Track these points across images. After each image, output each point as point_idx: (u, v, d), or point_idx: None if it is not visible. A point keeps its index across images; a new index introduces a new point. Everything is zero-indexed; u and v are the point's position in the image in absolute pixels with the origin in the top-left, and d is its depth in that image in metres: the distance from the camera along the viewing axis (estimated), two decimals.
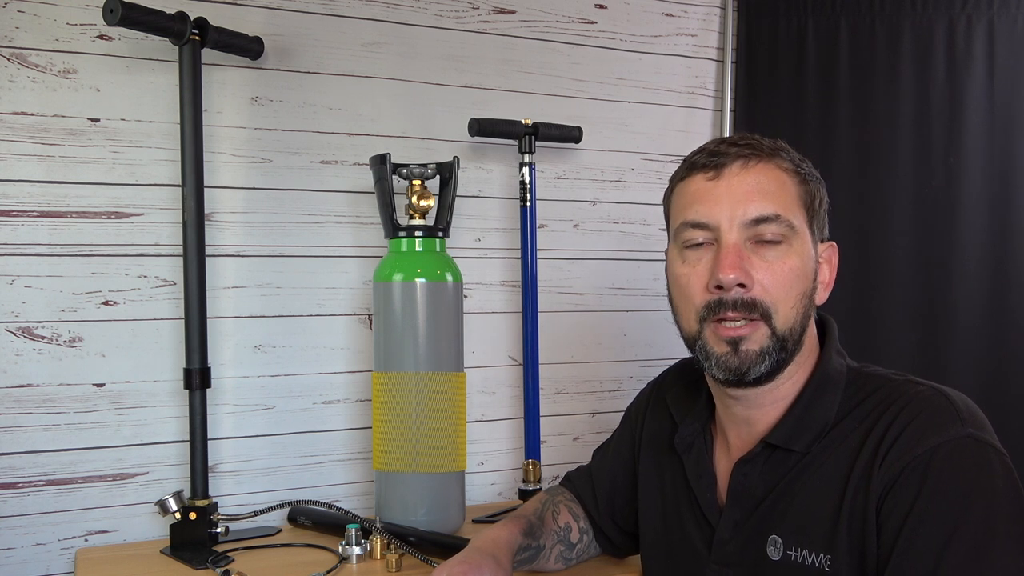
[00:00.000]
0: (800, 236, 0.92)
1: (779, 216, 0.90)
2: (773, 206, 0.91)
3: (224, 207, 1.46)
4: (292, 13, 1.50)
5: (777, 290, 0.90)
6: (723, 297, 0.90)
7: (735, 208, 0.91)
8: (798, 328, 0.92)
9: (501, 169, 1.66)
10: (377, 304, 1.38)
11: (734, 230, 0.91)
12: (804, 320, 0.93)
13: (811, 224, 0.94)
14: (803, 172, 0.95)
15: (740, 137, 0.96)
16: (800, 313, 0.92)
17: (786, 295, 0.90)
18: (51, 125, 1.36)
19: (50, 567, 1.36)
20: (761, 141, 0.95)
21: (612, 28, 1.75)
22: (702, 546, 1.01)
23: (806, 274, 0.92)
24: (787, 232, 0.91)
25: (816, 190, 0.96)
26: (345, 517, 1.31)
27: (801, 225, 0.93)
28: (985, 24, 1.82)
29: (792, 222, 0.91)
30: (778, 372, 0.93)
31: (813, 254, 0.94)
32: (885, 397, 0.90)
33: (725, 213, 0.91)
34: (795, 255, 0.91)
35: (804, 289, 0.92)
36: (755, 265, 0.90)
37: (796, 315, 0.91)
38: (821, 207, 0.96)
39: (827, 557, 0.88)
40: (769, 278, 0.90)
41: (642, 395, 1.21)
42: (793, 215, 0.92)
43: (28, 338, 1.35)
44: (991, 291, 1.82)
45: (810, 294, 0.93)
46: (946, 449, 0.83)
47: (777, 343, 0.90)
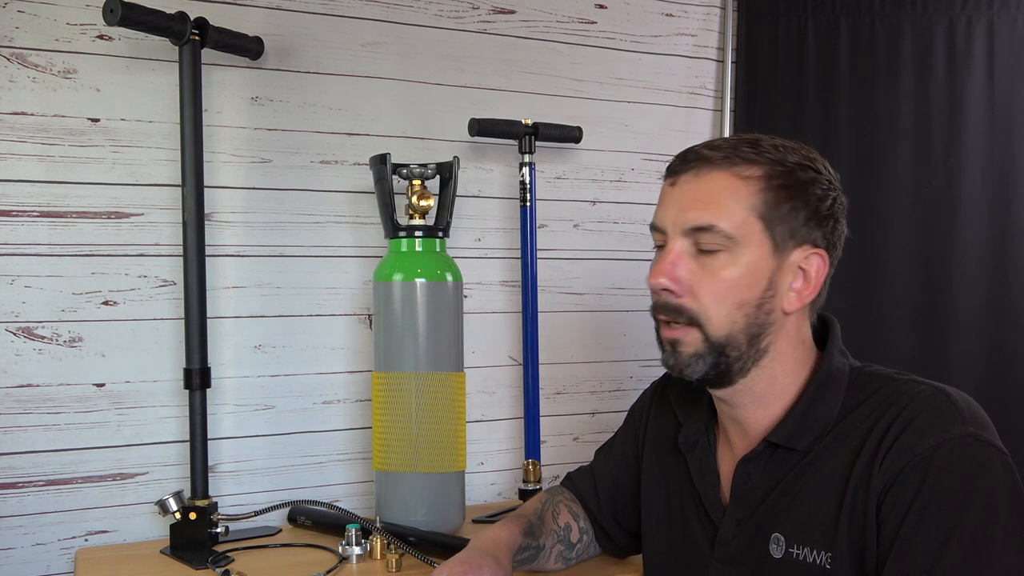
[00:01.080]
0: (744, 246, 0.91)
1: (714, 227, 0.91)
2: (711, 216, 0.91)
3: (224, 207, 1.46)
4: (292, 13, 1.50)
5: (707, 298, 0.92)
6: (656, 300, 0.96)
7: (678, 216, 0.94)
8: (741, 336, 0.92)
9: (501, 169, 1.66)
10: (377, 304, 1.38)
11: (677, 236, 0.94)
12: (753, 328, 0.92)
13: (771, 232, 0.91)
14: (775, 177, 0.92)
15: (716, 141, 0.96)
16: (741, 322, 0.92)
17: (718, 303, 0.92)
18: (51, 125, 1.36)
19: (50, 567, 1.36)
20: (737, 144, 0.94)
21: (612, 28, 1.75)
22: (705, 544, 1.01)
23: (749, 285, 0.91)
24: (724, 242, 0.91)
25: (793, 195, 0.92)
26: (345, 517, 1.31)
27: (749, 235, 0.91)
28: (985, 24, 1.82)
29: (731, 234, 0.91)
30: (731, 375, 0.94)
31: (770, 263, 0.92)
32: (887, 396, 0.90)
33: (670, 219, 0.94)
34: (735, 265, 0.91)
35: (744, 299, 0.91)
36: (693, 272, 0.92)
37: (734, 324, 0.92)
38: (797, 212, 0.92)
39: (828, 555, 0.88)
40: (701, 286, 0.92)
41: (646, 395, 1.21)
42: (736, 226, 0.91)
43: (28, 338, 1.35)
44: (991, 291, 1.82)
45: (757, 304, 0.92)
46: (946, 448, 0.83)
47: (712, 348, 0.93)
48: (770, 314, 0.93)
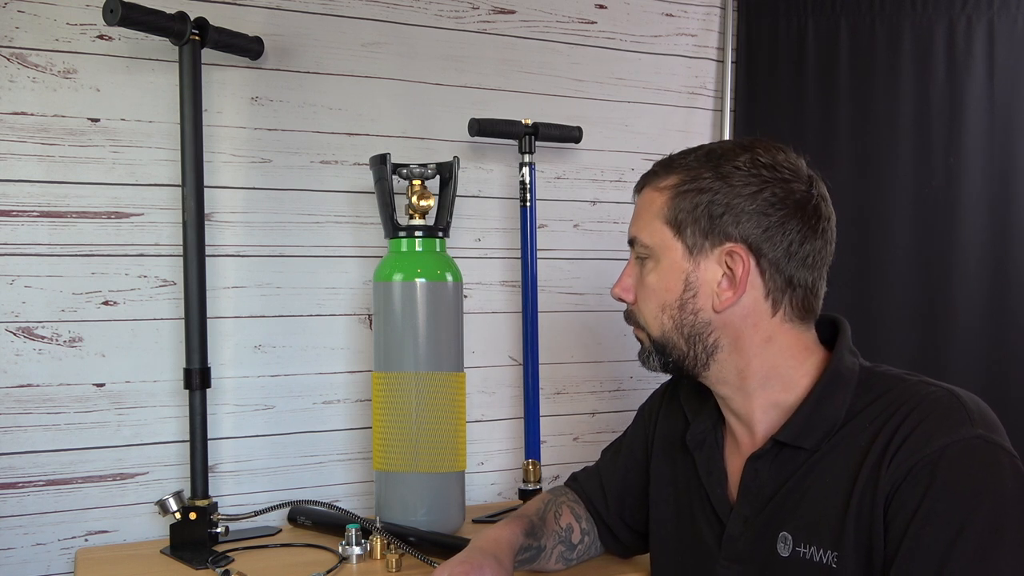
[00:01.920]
0: (659, 252, 0.98)
1: (635, 238, 1.02)
2: (635, 230, 1.02)
3: (224, 207, 1.46)
4: (292, 13, 1.50)
5: (641, 303, 1.02)
6: None
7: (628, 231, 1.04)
8: (674, 335, 0.99)
9: (501, 169, 1.66)
10: (377, 304, 1.38)
11: (631, 250, 1.04)
12: (684, 328, 0.98)
13: (682, 238, 0.96)
14: (684, 184, 0.96)
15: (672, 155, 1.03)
16: (670, 323, 0.98)
17: (647, 307, 1.01)
18: (51, 125, 1.36)
19: (50, 567, 1.36)
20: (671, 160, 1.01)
21: (612, 28, 1.75)
22: (712, 542, 1.01)
23: (666, 288, 0.98)
24: (644, 251, 1.00)
25: (700, 199, 0.95)
26: (345, 517, 1.31)
27: (663, 242, 0.98)
28: (985, 24, 1.82)
29: (646, 243, 0.99)
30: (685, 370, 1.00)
31: (685, 267, 0.96)
32: (896, 397, 0.90)
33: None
34: (652, 272, 0.99)
35: (664, 301, 0.98)
36: (635, 280, 1.03)
37: (663, 324, 0.99)
38: (701, 215, 0.94)
39: (834, 554, 0.88)
40: (637, 293, 1.02)
41: (656, 394, 1.21)
42: (650, 236, 0.99)
43: (28, 338, 1.35)
44: (991, 291, 1.82)
45: (676, 306, 0.97)
46: (955, 449, 0.83)
47: (656, 347, 1.02)
48: (697, 314, 0.97)
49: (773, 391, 0.97)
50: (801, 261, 0.94)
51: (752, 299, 0.95)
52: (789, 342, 0.97)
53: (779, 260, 0.94)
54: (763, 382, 0.98)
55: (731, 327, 0.96)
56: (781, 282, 0.95)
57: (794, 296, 0.96)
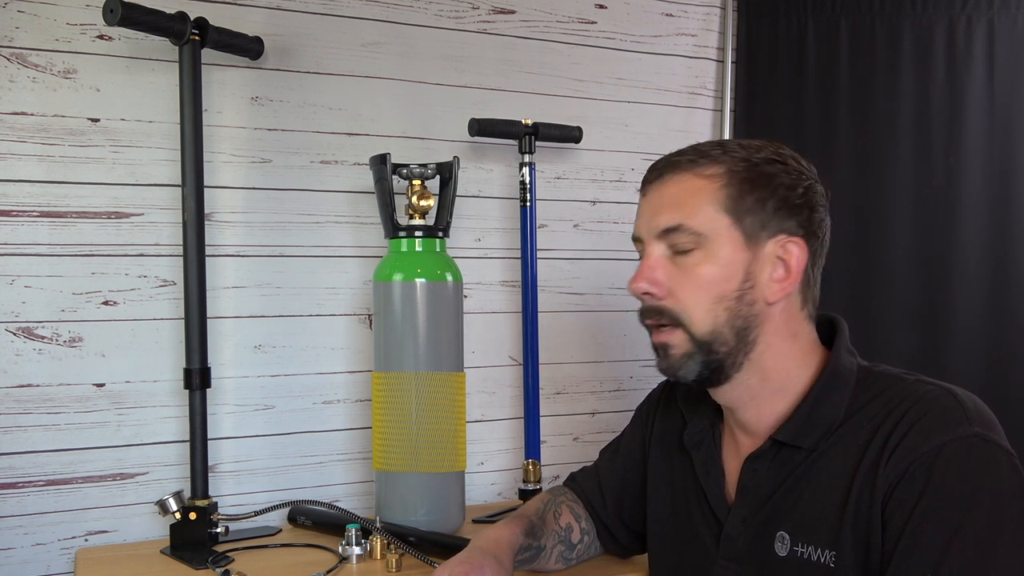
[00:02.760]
0: (716, 241, 0.93)
1: (681, 226, 0.94)
2: (678, 216, 0.94)
3: (224, 207, 1.46)
4: (292, 13, 1.50)
5: (687, 297, 0.94)
6: (641, 305, 0.98)
7: (649, 221, 0.97)
8: (725, 331, 0.94)
9: (501, 169, 1.66)
10: (377, 304, 1.38)
11: (652, 242, 0.97)
12: (736, 321, 0.94)
13: (741, 226, 0.93)
14: (737, 172, 0.94)
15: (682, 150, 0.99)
16: (723, 316, 0.93)
17: (697, 301, 0.94)
18: (51, 125, 1.36)
19: (50, 567, 1.36)
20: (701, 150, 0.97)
21: (612, 28, 1.75)
22: (710, 542, 1.01)
23: (725, 278, 0.93)
24: (695, 240, 0.94)
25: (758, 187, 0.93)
26: (345, 517, 1.31)
27: (718, 230, 0.93)
28: (985, 24, 1.82)
29: (699, 230, 0.93)
30: (725, 372, 0.95)
31: (743, 256, 0.93)
32: (894, 396, 0.90)
33: (644, 227, 0.98)
34: (709, 261, 0.93)
35: (722, 293, 0.93)
36: (671, 274, 0.95)
37: (716, 319, 0.93)
38: (764, 203, 0.93)
39: (832, 553, 0.88)
40: (679, 286, 0.94)
41: (653, 394, 1.21)
42: (703, 223, 0.93)
43: (28, 338, 1.35)
44: (991, 291, 1.82)
45: (736, 296, 0.93)
46: (952, 447, 0.83)
47: (700, 347, 0.94)
48: (752, 305, 0.94)
49: (779, 393, 0.97)
50: (823, 256, 0.99)
51: (793, 292, 0.96)
52: (805, 340, 0.98)
53: (817, 253, 0.97)
54: (778, 385, 0.97)
55: (771, 320, 0.95)
56: (812, 276, 0.97)
57: (814, 292, 0.99)
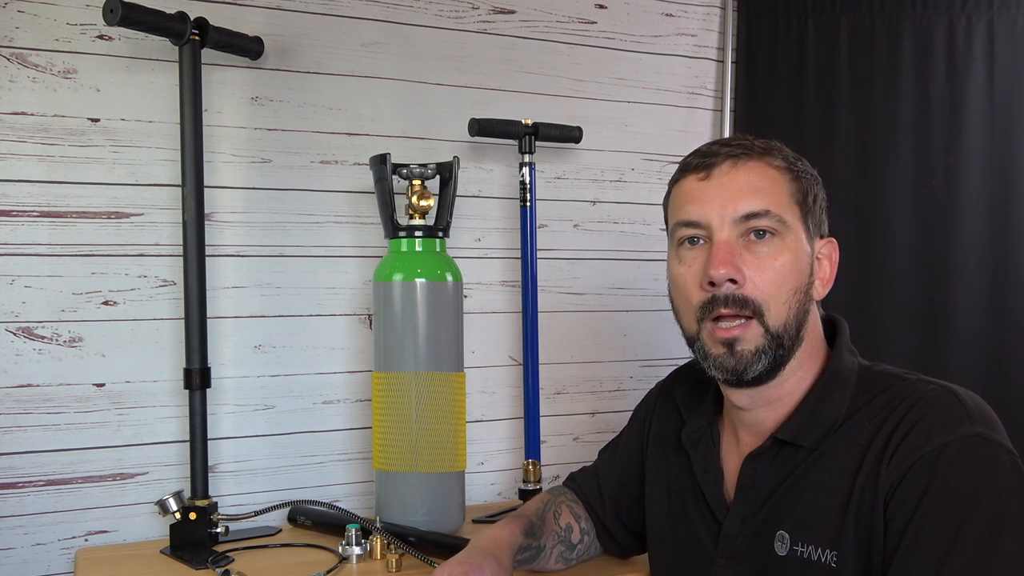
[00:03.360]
0: (793, 232, 0.93)
1: (769, 211, 0.91)
2: (763, 202, 0.92)
3: (224, 207, 1.46)
4: (292, 13, 1.50)
5: (768, 286, 0.91)
6: (716, 294, 0.91)
7: (725, 206, 0.92)
8: (793, 324, 0.92)
9: (501, 169, 1.66)
10: (377, 304, 1.38)
11: (725, 227, 0.92)
12: (800, 316, 0.93)
13: (805, 220, 0.95)
14: (796, 169, 0.96)
15: (733, 138, 0.99)
16: (794, 309, 0.92)
17: (777, 291, 0.91)
18: (51, 125, 1.36)
19: (50, 567, 1.36)
20: (753, 141, 0.96)
21: (612, 28, 1.75)
22: (709, 541, 1.01)
23: (799, 270, 0.93)
24: (778, 227, 0.92)
25: (810, 187, 0.96)
26: (345, 517, 1.31)
27: (793, 221, 0.93)
28: (985, 24, 1.82)
29: (783, 217, 0.92)
30: (778, 370, 0.93)
31: (808, 250, 0.95)
32: (895, 395, 0.90)
33: (716, 211, 0.92)
34: (787, 251, 0.92)
35: (797, 284, 0.92)
36: (747, 262, 0.91)
37: (789, 311, 0.92)
38: (816, 204, 0.96)
39: (833, 553, 0.88)
40: (760, 275, 0.91)
41: (651, 394, 1.21)
42: (784, 211, 0.92)
43: (28, 338, 1.35)
44: (991, 291, 1.82)
45: (805, 289, 0.93)
46: (954, 447, 0.83)
47: (772, 341, 0.91)
48: (810, 301, 0.96)
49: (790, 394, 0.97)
50: None
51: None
52: (820, 339, 0.99)
53: None
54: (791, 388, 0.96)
55: (812, 318, 0.97)
56: None
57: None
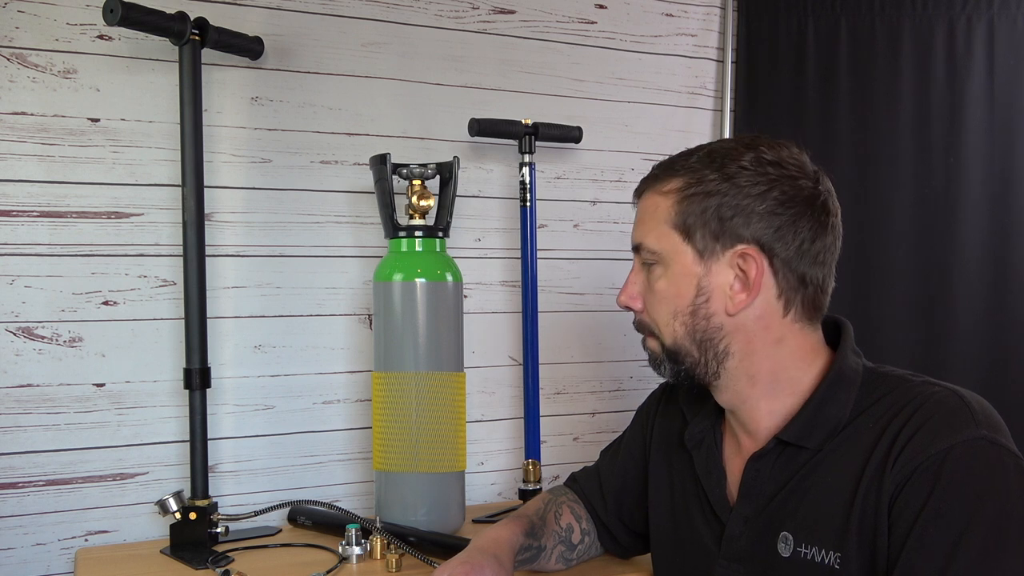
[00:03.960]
0: (668, 258, 0.96)
1: (641, 244, 0.99)
2: (640, 235, 1.00)
3: (224, 207, 1.46)
4: (292, 13, 1.50)
5: (652, 309, 1.00)
6: None
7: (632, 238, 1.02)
8: (686, 341, 0.97)
9: (501, 169, 1.66)
10: (377, 304, 1.38)
11: (635, 256, 1.02)
12: (697, 333, 0.96)
13: (690, 241, 0.95)
14: (690, 187, 0.94)
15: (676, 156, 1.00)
16: (682, 328, 0.97)
17: (658, 313, 0.99)
18: (51, 125, 1.36)
19: (50, 567, 1.36)
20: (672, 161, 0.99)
21: (612, 28, 1.75)
22: (711, 542, 1.01)
23: (676, 294, 0.96)
24: (651, 257, 0.98)
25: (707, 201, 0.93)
26: (345, 517, 1.31)
27: (670, 247, 0.96)
28: (985, 24, 1.82)
29: (654, 248, 0.97)
30: (698, 378, 0.98)
31: (695, 271, 0.95)
32: (900, 397, 0.90)
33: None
34: (663, 278, 0.98)
35: (676, 308, 0.97)
36: (642, 287, 1.01)
37: (675, 331, 0.97)
38: (711, 218, 0.93)
39: (837, 555, 0.88)
40: (647, 299, 1.00)
41: (654, 394, 1.21)
42: (657, 240, 0.97)
43: (28, 338, 1.35)
44: (991, 291, 1.82)
45: (688, 311, 0.96)
46: (959, 450, 0.83)
47: (668, 355, 0.99)
48: (710, 319, 0.95)
49: (780, 395, 0.97)
50: (812, 258, 0.94)
51: (764, 300, 0.94)
52: (798, 343, 0.97)
53: (791, 259, 0.93)
54: (771, 387, 0.97)
55: (743, 330, 0.95)
56: (794, 281, 0.94)
57: (805, 295, 0.95)
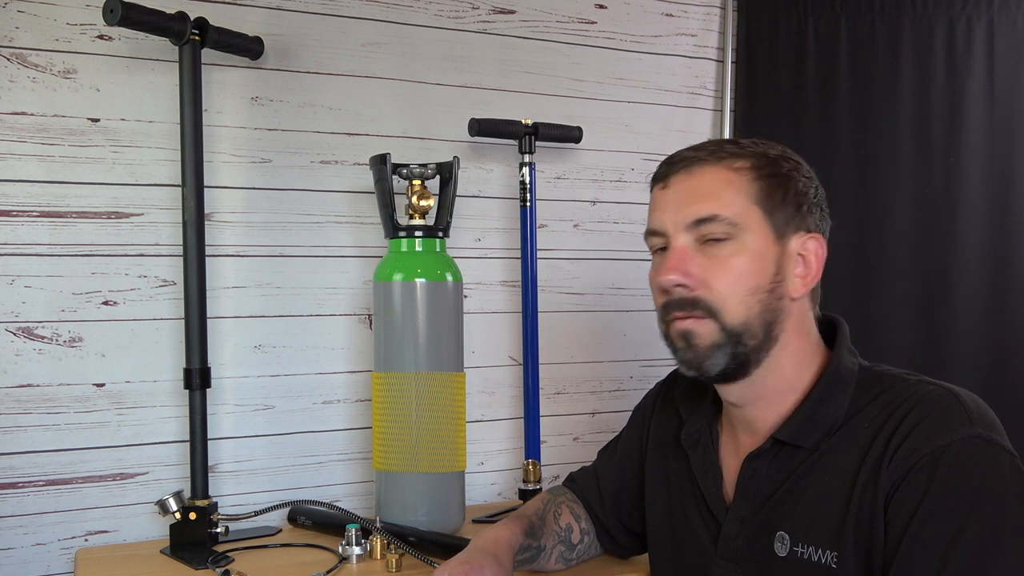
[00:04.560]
0: (750, 232, 0.93)
1: (717, 216, 0.93)
2: (712, 207, 0.93)
3: (224, 207, 1.46)
4: (292, 13, 1.50)
5: (721, 286, 0.93)
6: (668, 299, 0.95)
7: (678, 213, 0.95)
8: (756, 322, 0.93)
9: (501, 169, 1.66)
10: (377, 304, 1.38)
11: (679, 234, 0.95)
12: (766, 314, 0.93)
13: (770, 219, 0.94)
14: (765, 168, 0.95)
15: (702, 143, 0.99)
16: (755, 308, 0.93)
17: (732, 291, 0.93)
18: (51, 125, 1.36)
19: (50, 567, 1.36)
20: (719, 145, 0.98)
21: (612, 28, 1.75)
22: (708, 542, 1.01)
23: (759, 270, 0.93)
24: (730, 230, 0.93)
25: (784, 184, 0.95)
26: (345, 517, 1.31)
27: (751, 222, 0.93)
28: (985, 24, 1.82)
29: (735, 220, 0.93)
30: (747, 366, 0.94)
31: (774, 248, 0.94)
32: (896, 396, 0.90)
33: (670, 219, 0.96)
34: (743, 252, 0.93)
35: (756, 284, 0.93)
36: (700, 264, 0.93)
37: (748, 310, 0.93)
38: (790, 199, 0.95)
39: (834, 554, 0.88)
40: (713, 276, 0.93)
41: (650, 394, 1.21)
42: (738, 213, 0.93)
43: (28, 338, 1.35)
44: (991, 291, 1.82)
45: (768, 288, 0.93)
46: (955, 449, 0.83)
47: (729, 337, 0.93)
48: (780, 300, 0.94)
49: (786, 392, 0.97)
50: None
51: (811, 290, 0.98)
52: (814, 338, 0.99)
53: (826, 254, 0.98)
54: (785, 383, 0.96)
55: (793, 317, 0.96)
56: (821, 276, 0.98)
57: (818, 292, 0.99)
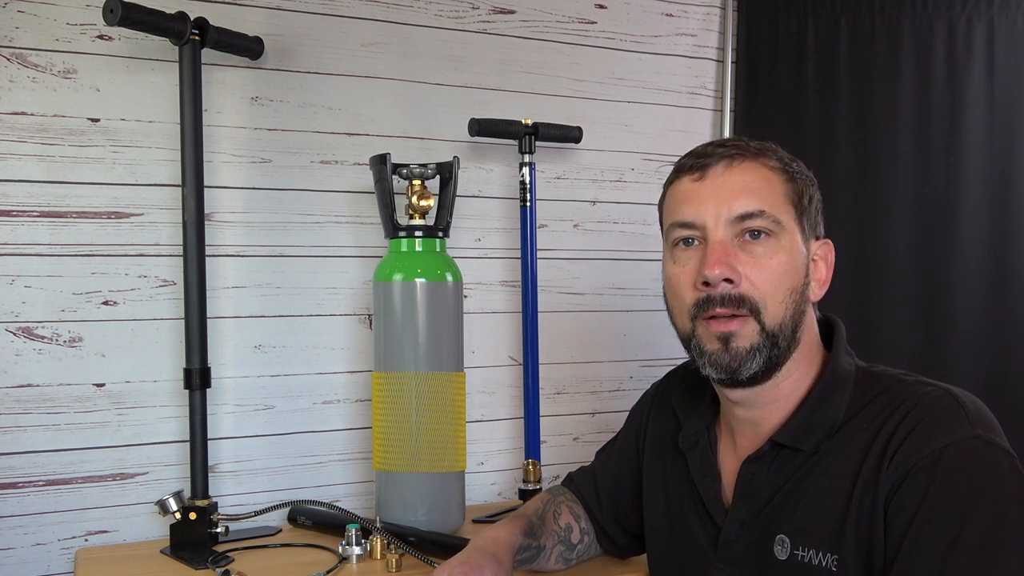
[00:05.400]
0: (788, 232, 0.93)
1: (764, 212, 0.91)
2: (758, 202, 0.91)
3: (224, 207, 1.46)
4: (292, 13, 1.50)
5: (765, 285, 0.91)
6: (711, 293, 0.91)
7: (720, 206, 0.92)
8: (789, 324, 0.92)
9: (501, 169, 1.66)
10: (377, 304, 1.38)
11: (720, 227, 0.92)
12: (796, 316, 0.93)
13: (800, 221, 0.94)
14: (791, 171, 0.95)
15: (727, 139, 0.99)
16: (790, 309, 0.92)
17: (774, 290, 0.91)
18: (51, 125, 1.36)
19: (50, 567, 1.36)
20: (748, 142, 0.96)
21: (612, 28, 1.75)
22: (707, 545, 1.01)
23: (795, 270, 0.92)
24: (773, 227, 0.92)
25: (805, 188, 0.96)
26: (345, 517, 1.31)
27: (789, 222, 0.93)
28: (985, 24, 1.82)
29: (779, 218, 0.92)
30: (773, 370, 0.93)
31: (804, 251, 0.94)
32: (894, 397, 0.90)
33: (711, 211, 0.92)
34: (783, 251, 0.92)
35: (793, 285, 0.92)
36: (742, 261, 0.91)
37: (785, 311, 0.92)
38: (812, 205, 0.96)
39: (834, 557, 0.88)
40: (756, 273, 0.91)
41: (647, 396, 1.21)
42: (779, 211, 0.92)
43: (28, 338, 1.35)
44: (991, 291, 1.82)
45: (801, 290, 0.93)
46: (954, 450, 0.83)
47: (767, 339, 0.91)
48: (806, 302, 0.95)
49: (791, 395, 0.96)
50: None
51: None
52: (816, 340, 0.99)
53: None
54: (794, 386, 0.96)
55: (809, 319, 0.96)
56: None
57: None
